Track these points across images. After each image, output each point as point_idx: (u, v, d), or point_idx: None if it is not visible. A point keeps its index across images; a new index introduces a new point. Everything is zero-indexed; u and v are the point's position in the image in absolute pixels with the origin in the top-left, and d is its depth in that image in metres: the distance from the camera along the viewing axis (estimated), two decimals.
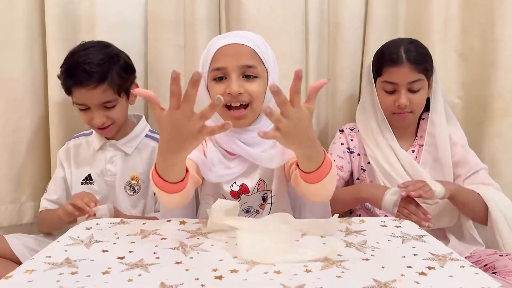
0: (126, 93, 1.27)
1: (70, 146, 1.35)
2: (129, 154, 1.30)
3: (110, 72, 1.20)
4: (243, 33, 1.03)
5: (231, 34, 1.03)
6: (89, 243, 0.79)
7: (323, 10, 1.46)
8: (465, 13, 1.42)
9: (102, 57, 1.20)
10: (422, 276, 0.65)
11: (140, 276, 0.65)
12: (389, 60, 1.25)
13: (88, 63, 1.18)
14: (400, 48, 1.25)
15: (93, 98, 1.20)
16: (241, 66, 0.96)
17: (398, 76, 1.24)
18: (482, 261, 1.15)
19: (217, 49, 0.97)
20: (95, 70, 1.17)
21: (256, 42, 1.00)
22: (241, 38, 0.99)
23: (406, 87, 1.24)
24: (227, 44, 0.97)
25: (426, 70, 1.25)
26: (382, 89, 1.28)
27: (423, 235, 0.83)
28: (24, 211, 1.46)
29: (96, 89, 1.18)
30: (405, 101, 1.24)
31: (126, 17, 1.45)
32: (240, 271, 0.67)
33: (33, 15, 1.40)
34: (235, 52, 0.97)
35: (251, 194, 1.02)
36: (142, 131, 1.33)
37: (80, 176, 1.32)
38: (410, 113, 1.27)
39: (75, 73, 1.19)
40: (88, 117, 1.23)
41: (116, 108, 1.23)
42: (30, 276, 0.65)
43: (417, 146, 1.33)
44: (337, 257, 0.72)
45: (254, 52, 0.98)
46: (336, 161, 1.34)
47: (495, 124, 1.41)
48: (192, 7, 1.40)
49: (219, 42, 0.99)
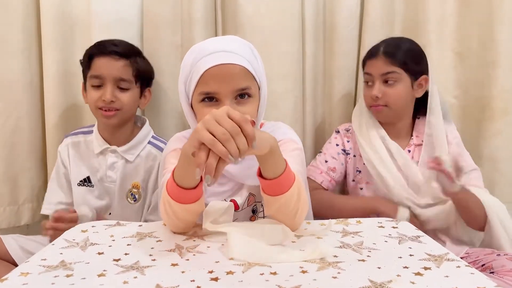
0: (141, 86, 1.29)
1: (68, 143, 1.33)
2: (130, 162, 1.28)
3: (135, 56, 1.27)
4: (233, 45, 0.91)
5: (220, 47, 0.89)
6: (84, 246, 0.79)
7: (319, 10, 1.46)
8: (461, 12, 1.42)
9: (130, 45, 1.30)
10: (418, 277, 0.65)
11: (135, 279, 0.65)
12: (369, 53, 1.30)
13: (117, 40, 1.28)
14: (384, 43, 1.28)
15: (112, 69, 1.22)
16: (235, 90, 0.88)
17: (373, 67, 1.27)
18: (479, 261, 1.15)
19: (206, 70, 0.87)
20: (123, 45, 1.26)
21: (248, 56, 0.91)
22: (233, 56, 0.88)
23: (380, 79, 1.26)
24: (218, 64, 0.87)
25: (404, 64, 1.25)
26: (364, 82, 1.32)
27: (420, 236, 0.83)
28: (22, 213, 1.45)
29: (119, 61, 1.22)
30: (376, 92, 1.25)
31: (122, 16, 1.44)
32: (236, 273, 0.67)
33: (29, 16, 1.40)
34: (228, 75, 0.87)
35: (240, 210, 1.00)
36: (145, 137, 1.30)
37: (77, 176, 1.30)
38: (384, 106, 1.27)
39: (103, 44, 1.26)
40: (97, 95, 1.22)
41: (128, 93, 1.24)
42: (25, 279, 0.65)
43: (413, 145, 1.32)
44: (333, 258, 0.72)
45: (247, 72, 0.89)
46: (329, 162, 1.35)
47: (495, 123, 1.41)
48: (189, 6, 1.40)
49: (208, 61, 0.87)
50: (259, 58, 0.95)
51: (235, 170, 0.97)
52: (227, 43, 0.91)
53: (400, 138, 1.32)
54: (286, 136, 1.00)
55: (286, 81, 1.42)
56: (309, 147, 1.51)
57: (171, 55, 1.44)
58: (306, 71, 1.47)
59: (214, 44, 0.91)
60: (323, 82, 1.50)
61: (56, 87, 1.39)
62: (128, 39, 1.41)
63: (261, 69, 0.95)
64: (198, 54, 0.90)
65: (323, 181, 1.34)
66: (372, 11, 1.43)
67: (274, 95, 1.40)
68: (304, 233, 0.84)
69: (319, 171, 1.35)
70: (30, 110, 1.42)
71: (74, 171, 1.30)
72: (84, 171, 1.30)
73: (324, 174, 1.34)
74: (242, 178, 0.98)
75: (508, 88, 1.39)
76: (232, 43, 0.92)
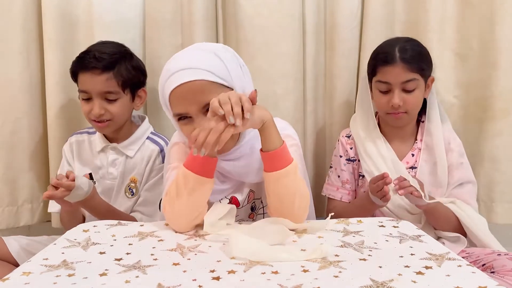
0: (131, 92, 1.27)
1: (73, 141, 1.35)
2: (130, 157, 1.29)
3: (118, 64, 1.22)
4: (193, 59, 0.90)
5: (182, 65, 0.90)
6: (86, 245, 0.79)
7: (320, 10, 1.46)
8: (462, 12, 1.42)
9: (114, 50, 1.24)
10: (419, 276, 0.65)
11: (137, 278, 0.65)
12: (382, 60, 1.24)
13: (99, 51, 1.22)
14: (395, 47, 1.23)
15: (96, 84, 1.20)
16: (202, 107, 0.88)
17: (391, 75, 1.23)
18: (480, 261, 1.14)
19: (170, 92, 0.89)
20: (104, 57, 1.21)
21: (209, 66, 0.88)
22: (191, 72, 0.88)
23: (400, 87, 1.23)
24: (178, 85, 0.88)
25: (422, 70, 1.24)
26: (377, 89, 1.28)
27: (421, 235, 0.84)
28: (22, 214, 1.45)
29: (101, 76, 1.20)
30: (398, 101, 1.22)
31: (123, 17, 1.44)
32: (237, 272, 0.67)
33: (30, 16, 1.40)
34: (190, 93, 0.88)
35: (241, 207, 1.02)
36: (144, 133, 1.32)
37: (80, 173, 1.29)
38: (404, 113, 1.25)
39: (84, 58, 1.22)
40: (88, 108, 1.23)
41: (117, 103, 1.23)
42: (27, 278, 0.65)
43: (417, 149, 1.32)
44: (334, 257, 0.72)
45: (211, 83, 0.88)
46: (341, 176, 1.36)
47: (496, 123, 1.41)
48: (190, 7, 1.40)
49: (171, 82, 0.89)
50: (230, 59, 0.93)
51: (235, 169, 0.98)
52: (188, 58, 0.91)
53: (405, 142, 1.32)
54: (284, 132, 1.01)
55: (286, 81, 1.42)
56: (310, 147, 1.51)
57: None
58: (307, 71, 1.47)
59: (177, 62, 0.92)
60: (324, 83, 1.50)
61: (57, 87, 1.39)
62: (129, 40, 1.42)
63: (233, 71, 0.91)
64: (164, 75, 0.92)
65: (342, 196, 1.35)
66: (373, 12, 1.43)
67: (274, 95, 1.40)
68: (305, 232, 0.85)
69: (335, 188, 1.36)
70: (29, 111, 1.42)
71: (78, 168, 1.32)
72: (86, 168, 1.31)
73: (341, 190, 1.35)
74: (242, 176, 1.00)
75: (509, 88, 1.39)
76: (193, 56, 0.92)
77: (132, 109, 1.30)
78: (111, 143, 1.30)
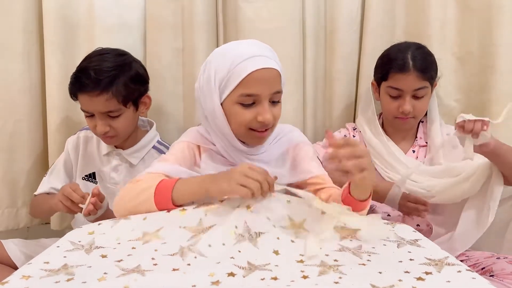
0: (134, 104, 1.22)
1: (81, 136, 1.33)
2: (134, 165, 1.27)
3: (116, 81, 1.16)
4: (266, 50, 0.97)
5: (258, 52, 0.95)
6: (89, 249, 0.77)
7: (320, 14, 1.46)
8: (462, 17, 1.42)
9: (111, 65, 1.17)
10: (420, 282, 0.65)
11: (136, 282, 0.64)
12: (396, 66, 1.26)
13: (95, 69, 1.15)
14: (407, 54, 1.26)
15: (96, 105, 1.17)
16: (272, 93, 0.95)
17: (404, 83, 1.25)
18: (479, 264, 1.15)
19: (249, 73, 0.92)
20: (100, 77, 1.14)
21: (277, 61, 0.97)
22: (270, 61, 0.94)
23: (411, 94, 1.26)
24: (260, 68, 0.92)
25: (431, 78, 1.28)
26: (387, 94, 1.30)
27: (418, 239, 0.83)
28: (21, 216, 1.45)
29: (99, 97, 1.15)
30: (409, 107, 1.26)
31: (124, 20, 1.44)
32: (237, 275, 0.66)
33: (31, 19, 1.40)
34: (269, 78, 0.94)
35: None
36: (150, 141, 1.30)
37: (83, 170, 1.31)
38: (412, 118, 1.29)
39: (81, 79, 1.17)
40: (92, 124, 1.21)
41: (121, 119, 1.20)
42: (27, 282, 0.64)
43: (417, 146, 1.36)
44: (333, 261, 0.72)
45: (280, 75, 0.96)
46: None
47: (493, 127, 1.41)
48: (191, 10, 1.40)
49: (248, 64, 0.92)
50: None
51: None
52: (261, 48, 0.96)
53: (406, 140, 1.36)
54: (302, 139, 1.08)
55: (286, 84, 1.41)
56: None
57: (172, 59, 1.44)
58: (307, 75, 1.47)
59: (249, 48, 0.96)
60: (324, 86, 1.50)
61: (58, 90, 1.39)
62: (130, 43, 1.42)
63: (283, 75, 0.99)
64: (236, 58, 0.93)
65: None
66: (373, 16, 1.43)
67: None
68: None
69: None
70: (29, 113, 1.42)
71: (82, 164, 1.31)
72: (91, 166, 1.31)
73: None
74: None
75: (507, 92, 1.39)
76: (265, 48, 0.97)
77: (137, 117, 1.28)
78: (116, 149, 1.29)
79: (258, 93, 0.93)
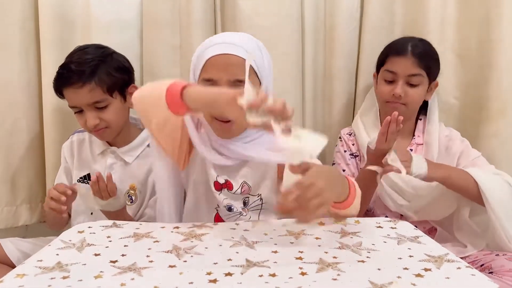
0: (120, 93, 1.22)
1: (74, 140, 1.32)
2: (129, 163, 1.27)
3: (98, 71, 1.17)
4: (238, 38, 0.97)
5: (224, 39, 0.97)
6: (81, 247, 0.78)
7: (319, 11, 1.46)
8: (461, 13, 1.42)
9: (91, 57, 1.18)
10: (418, 278, 0.64)
11: (133, 280, 0.64)
12: (394, 50, 1.29)
13: (75, 62, 1.17)
14: (409, 42, 1.28)
15: (81, 98, 1.17)
16: (231, 80, 0.93)
17: (399, 66, 1.26)
18: (478, 261, 1.15)
19: (208, 59, 0.94)
20: (82, 68, 1.15)
21: (254, 51, 0.95)
22: (233, 47, 0.94)
23: (405, 79, 1.26)
24: (217, 54, 0.93)
25: (428, 68, 1.27)
26: (382, 79, 1.31)
27: (419, 236, 0.83)
28: (20, 214, 1.45)
29: (83, 88, 1.15)
30: (400, 91, 1.26)
31: (121, 17, 1.44)
32: (234, 274, 0.66)
33: (28, 17, 1.39)
34: (226, 64, 0.93)
35: (233, 192, 1.03)
36: (145, 140, 1.28)
37: (79, 173, 1.30)
38: (403, 105, 1.28)
39: (63, 74, 1.18)
40: (82, 120, 1.21)
41: (109, 109, 1.20)
42: (21, 281, 0.64)
43: (415, 145, 1.34)
44: (333, 259, 0.71)
45: (250, 66, 0.89)
46: (346, 170, 1.35)
47: (492, 124, 1.41)
48: (188, 7, 1.39)
49: (210, 50, 0.95)
50: (267, 57, 1.00)
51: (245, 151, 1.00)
52: (233, 37, 0.98)
53: (403, 137, 1.33)
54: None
55: (285, 82, 1.41)
56: None
57: (169, 56, 1.43)
58: (306, 72, 1.47)
59: (222, 37, 0.99)
60: (323, 83, 1.50)
61: None
62: (127, 41, 1.42)
63: (266, 65, 0.98)
64: (204, 45, 0.98)
65: None
66: (372, 13, 1.43)
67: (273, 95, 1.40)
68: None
69: None
70: (27, 111, 1.42)
71: (77, 167, 1.30)
72: (85, 168, 1.30)
73: None
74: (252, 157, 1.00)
75: (506, 89, 1.39)
76: (239, 37, 0.98)
77: (127, 110, 1.27)
78: (111, 147, 1.28)
79: (215, 78, 0.93)
